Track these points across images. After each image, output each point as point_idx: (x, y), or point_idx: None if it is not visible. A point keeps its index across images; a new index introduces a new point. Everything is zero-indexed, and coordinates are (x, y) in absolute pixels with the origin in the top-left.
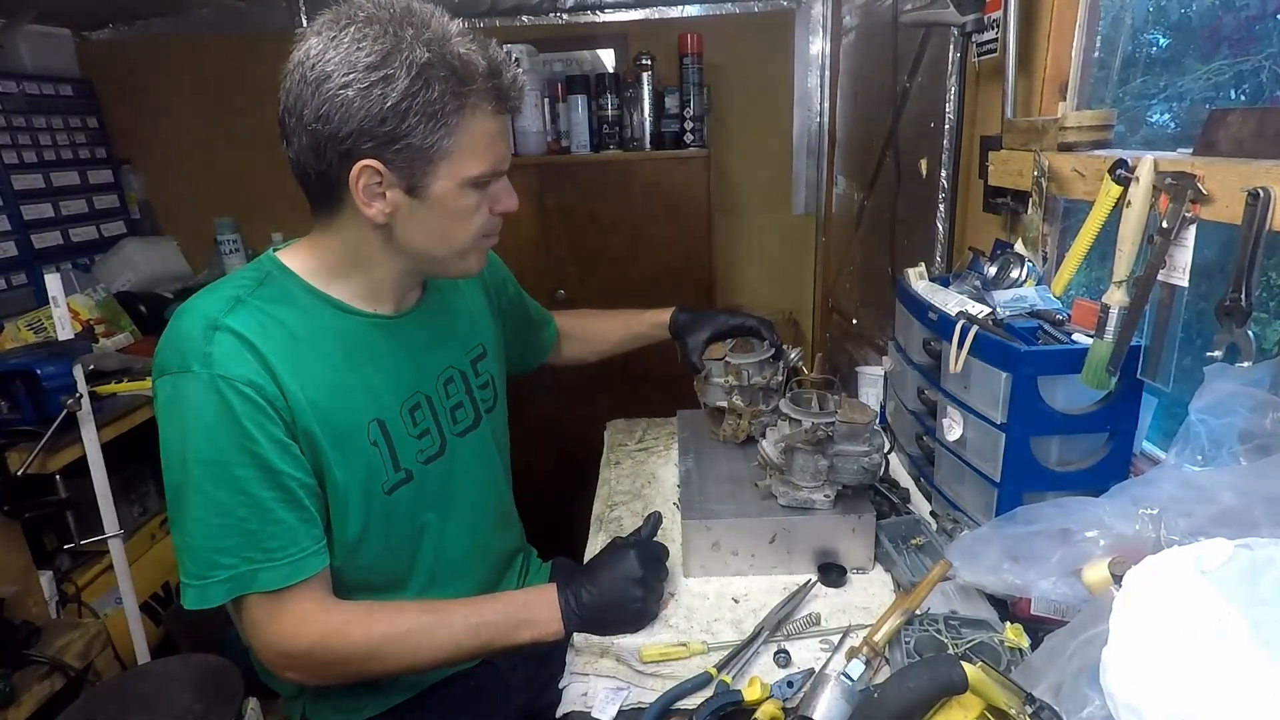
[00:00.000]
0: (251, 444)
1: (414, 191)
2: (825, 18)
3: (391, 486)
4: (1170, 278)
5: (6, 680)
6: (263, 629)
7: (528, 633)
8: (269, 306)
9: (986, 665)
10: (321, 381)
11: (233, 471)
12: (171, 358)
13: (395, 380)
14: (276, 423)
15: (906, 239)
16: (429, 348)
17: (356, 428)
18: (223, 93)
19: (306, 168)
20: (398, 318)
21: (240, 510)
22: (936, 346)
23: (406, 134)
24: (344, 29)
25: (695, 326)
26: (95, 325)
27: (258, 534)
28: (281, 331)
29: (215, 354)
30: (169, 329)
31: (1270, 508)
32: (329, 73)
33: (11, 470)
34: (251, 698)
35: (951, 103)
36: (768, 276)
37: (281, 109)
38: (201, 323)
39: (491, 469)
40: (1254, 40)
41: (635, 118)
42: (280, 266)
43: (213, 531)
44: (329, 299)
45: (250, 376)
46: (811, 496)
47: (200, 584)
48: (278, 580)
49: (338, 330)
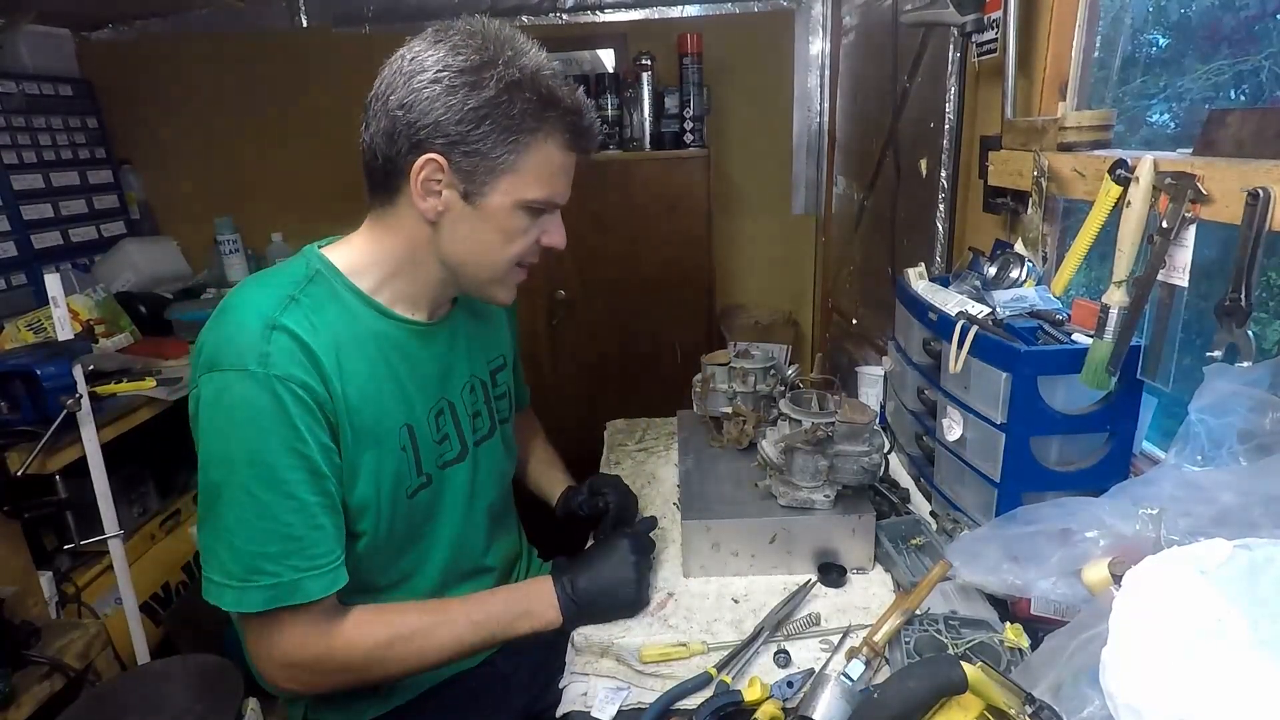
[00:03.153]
0: (302, 446)
1: (469, 197)
2: (825, 18)
3: (414, 490)
4: (1170, 278)
5: (6, 680)
6: (276, 640)
7: (527, 623)
8: (318, 306)
9: (986, 665)
10: (362, 384)
11: (281, 474)
12: (225, 354)
13: (425, 386)
14: (324, 426)
15: (906, 239)
16: (457, 356)
17: (390, 433)
18: (223, 93)
19: (376, 151)
20: (431, 325)
21: (286, 515)
22: (936, 346)
23: (478, 140)
24: (450, 37)
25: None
26: (95, 325)
27: (303, 540)
28: (329, 333)
29: (273, 354)
30: (219, 323)
31: (1270, 508)
32: (425, 67)
33: (11, 470)
34: (251, 698)
35: (951, 103)
36: (768, 276)
37: (370, 96)
38: (259, 320)
39: (502, 476)
40: (1254, 40)
41: (635, 118)
42: (327, 264)
43: (257, 535)
44: (371, 301)
45: (304, 379)
46: (811, 496)
47: (240, 587)
48: (319, 590)
49: (378, 334)
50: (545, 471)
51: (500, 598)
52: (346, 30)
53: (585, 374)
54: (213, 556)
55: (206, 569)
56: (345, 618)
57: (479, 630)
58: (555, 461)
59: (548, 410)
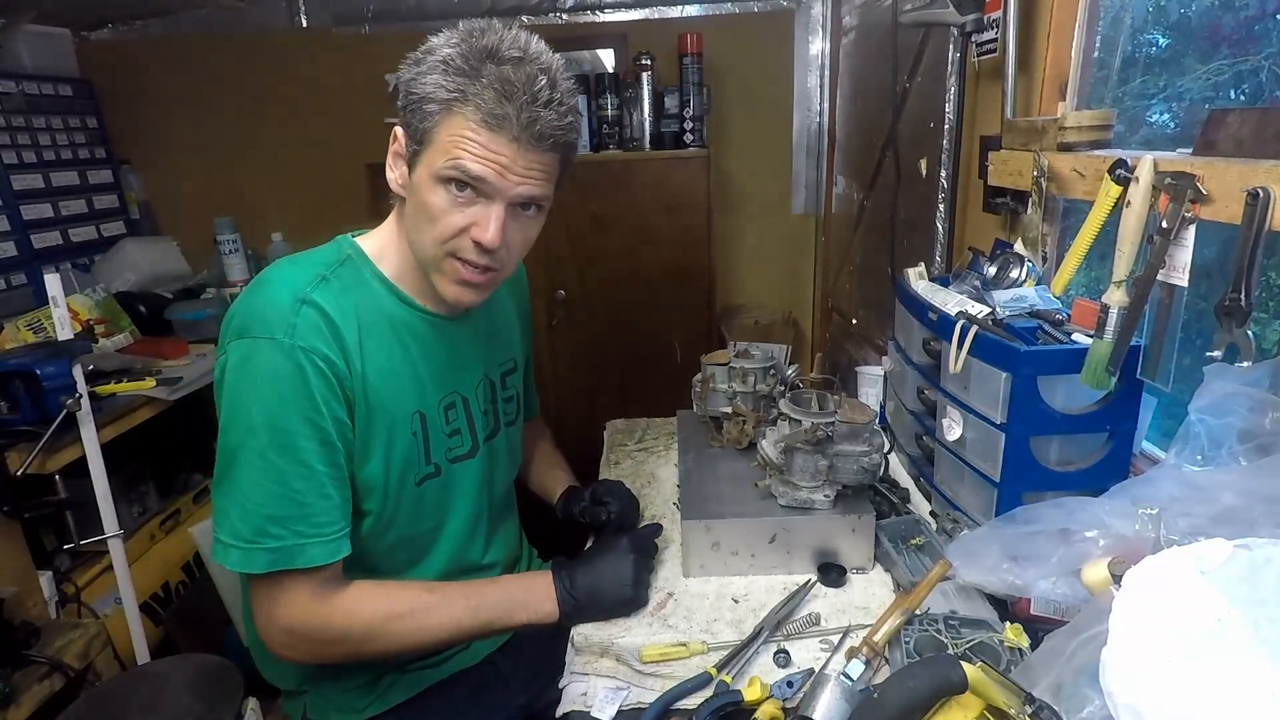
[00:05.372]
0: (318, 417)
1: (411, 170)
2: (825, 18)
3: (422, 478)
4: (1170, 278)
5: (6, 680)
6: (278, 603)
7: (524, 614)
8: (347, 288)
9: (986, 665)
10: (380, 366)
11: (296, 441)
12: (255, 323)
13: (438, 377)
14: (340, 401)
15: (906, 239)
16: (471, 353)
17: (402, 416)
18: (223, 93)
19: None
20: (450, 319)
21: (297, 482)
22: (936, 346)
23: (412, 110)
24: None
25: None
26: (95, 325)
27: (310, 507)
28: (354, 313)
29: (300, 326)
30: (251, 295)
31: (1270, 508)
32: (433, 48)
33: (11, 470)
34: (251, 698)
35: (951, 103)
36: (768, 276)
37: None
38: (290, 294)
39: (505, 477)
40: (1254, 40)
41: (635, 118)
42: (358, 250)
43: (268, 498)
44: (394, 288)
45: (327, 353)
46: (811, 496)
47: (247, 547)
48: (322, 557)
49: (399, 319)
50: (548, 471)
51: (500, 586)
52: (346, 30)
53: (585, 374)
54: (224, 518)
55: (217, 530)
56: (346, 589)
57: (476, 615)
58: (560, 463)
59: (548, 410)
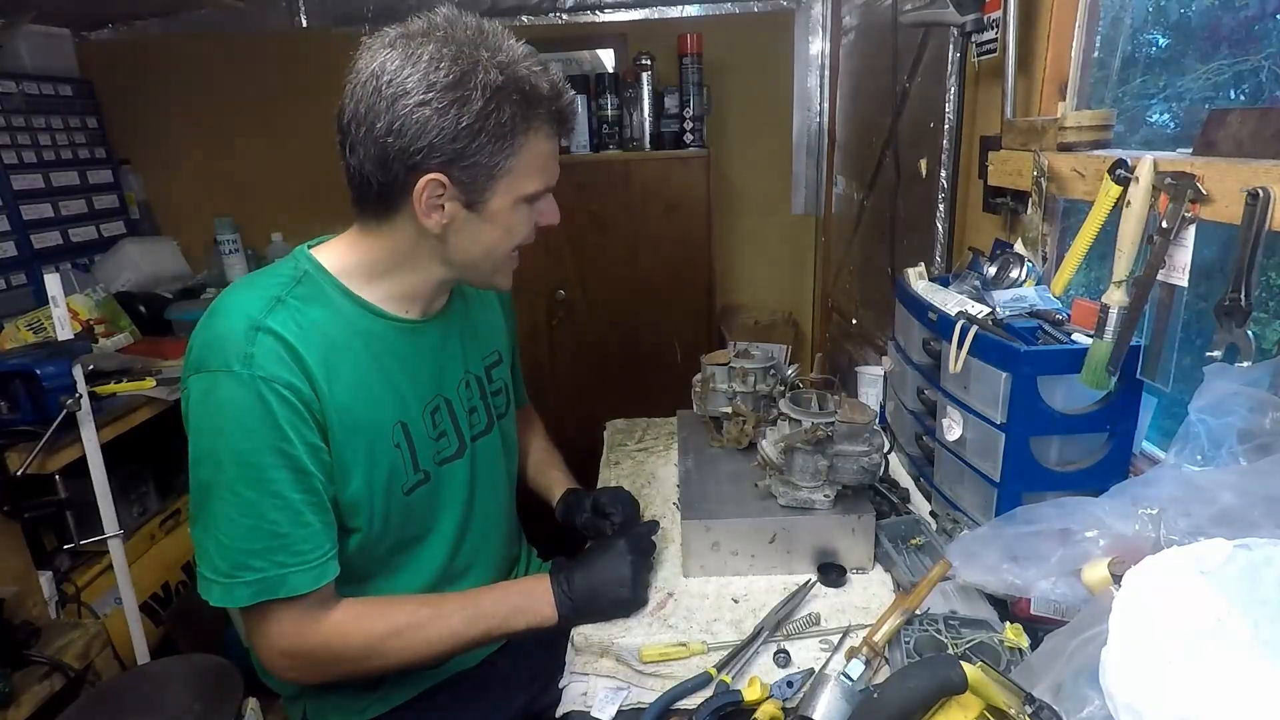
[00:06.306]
0: (287, 445)
1: (472, 206)
2: (825, 18)
3: (410, 487)
4: (1170, 278)
5: (6, 680)
6: (270, 631)
7: (523, 620)
8: (305, 307)
9: (986, 665)
10: (352, 384)
11: (267, 474)
12: (211, 355)
13: (418, 383)
14: (311, 426)
15: (906, 239)
16: (450, 352)
17: (382, 430)
18: (223, 93)
19: (368, 177)
20: (424, 322)
21: (272, 513)
22: (936, 346)
23: (475, 152)
24: (421, 46)
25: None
26: (95, 325)
27: (288, 537)
28: (316, 333)
29: (257, 355)
30: (207, 325)
31: (1270, 508)
32: (408, 90)
33: (11, 470)
34: (251, 698)
35: (951, 103)
36: (768, 276)
37: (347, 118)
38: (243, 322)
39: (500, 473)
40: (1254, 40)
41: (635, 118)
42: (316, 265)
43: (243, 532)
44: (360, 301)
45: (289, 379)
46: (811, 496)
47: (228, 582)
48: (305, 584)
49: (367, 333)
50: (545, 470)
51: (497, 593)
52: (346, 30)
53: (585, 374)
54: (203, 552)
55: (198, 565)
56: (340, 610)
57: (474, 625)
58: (555, 460)
59: (548, 410)
